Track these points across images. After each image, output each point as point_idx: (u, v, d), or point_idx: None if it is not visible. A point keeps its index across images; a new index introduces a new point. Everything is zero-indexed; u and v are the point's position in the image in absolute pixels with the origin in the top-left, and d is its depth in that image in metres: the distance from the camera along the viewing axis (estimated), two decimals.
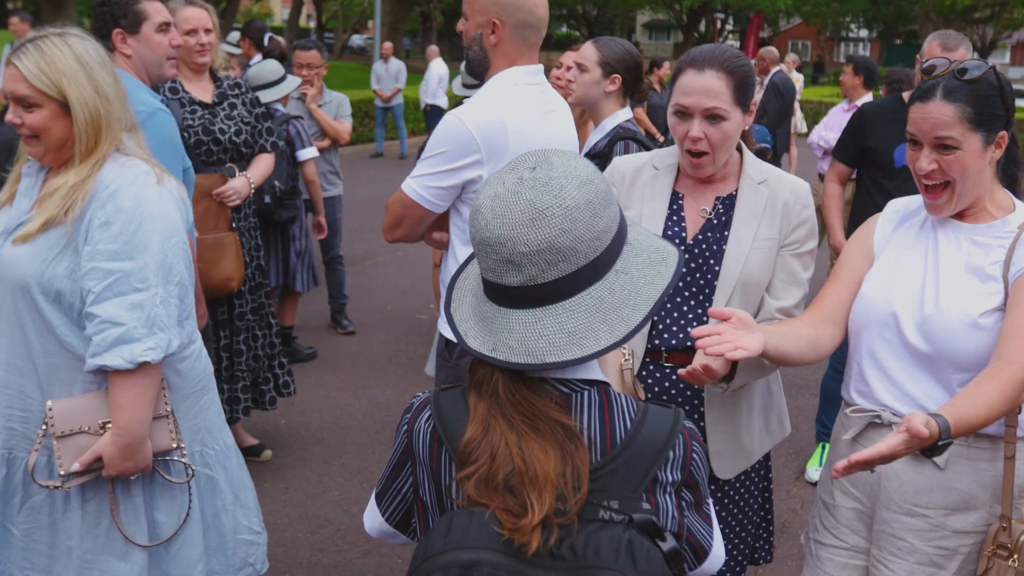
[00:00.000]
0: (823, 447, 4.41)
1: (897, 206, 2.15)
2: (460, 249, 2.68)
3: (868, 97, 6.50)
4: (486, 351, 1.27)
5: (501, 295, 1.27)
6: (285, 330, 5.61)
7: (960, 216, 2.00)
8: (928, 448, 1.62)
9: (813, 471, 4.40)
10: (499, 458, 1.24)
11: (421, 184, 2.55)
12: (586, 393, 1.31)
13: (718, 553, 1.46)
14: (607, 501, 1.25)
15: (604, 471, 1.28)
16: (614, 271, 1.27)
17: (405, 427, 1.42)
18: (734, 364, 1.96)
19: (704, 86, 2.10)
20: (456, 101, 18.98)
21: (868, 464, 1.62)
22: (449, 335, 2.75)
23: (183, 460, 2.20)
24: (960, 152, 1.88)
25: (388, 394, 5.40)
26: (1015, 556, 1.89)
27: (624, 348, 2.14)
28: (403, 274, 8.01)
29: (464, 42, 2.63)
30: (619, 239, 1.29)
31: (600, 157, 3.35)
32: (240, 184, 3.91)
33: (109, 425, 2.06)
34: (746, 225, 2.20)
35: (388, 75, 14.84)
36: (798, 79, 12.01)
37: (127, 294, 2.00)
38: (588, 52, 3.45)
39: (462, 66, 3.33)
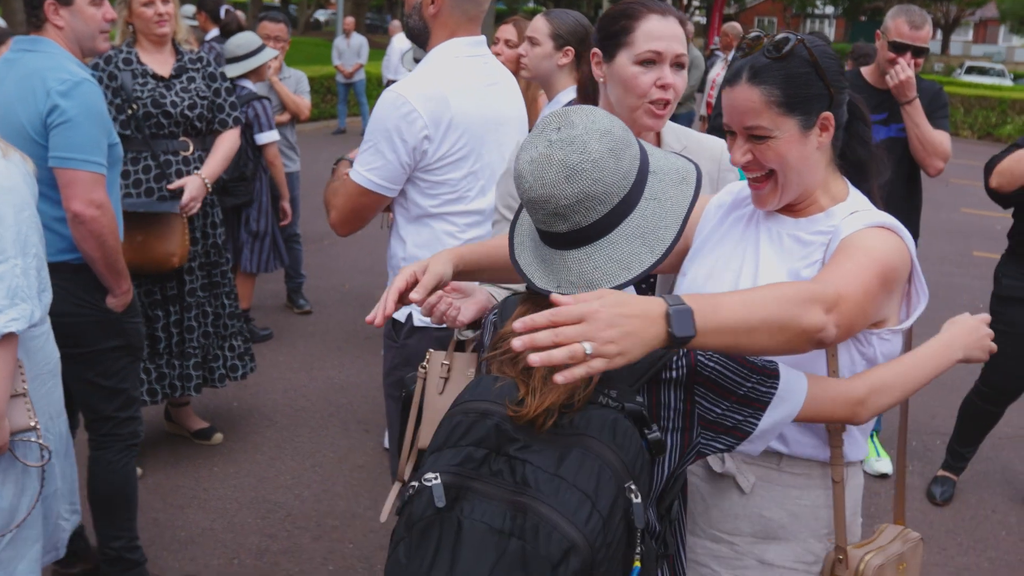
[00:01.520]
0: None
1: (733, 189, 1.89)
2: (405, 228, 2.59)
3: None
4: (552, 288, 1.44)
5: (555, 240, 1.44)
6: (241, 312, 5.49)
7: (789, 208, 1.73)
8: (670, 340, 1.26)
9: None
10: None
11: (371, 171, 2.46)
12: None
13: (766, 426, 1.50)
14: (607, 390, 1.42)
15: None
16: (644, 199, 1.45)
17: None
18: None
19: (673, 31, 2.02)
20: None
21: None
22: (395, 315, 2.67)
23: (39, 441, 2.12)
24: (774, 140, 1.62)
25: (344, 375, 5.31)
26: None
27: None
28: (362, 253, 7.89)
29: (405, 11, 2.53)
30: (643, 172, 1.45)
31: None
32: (195, 188, 3.81)
33: None
34: None
35: (350, 50, 14.62)
36: None
37: None
38: (539, 25, 3.36)
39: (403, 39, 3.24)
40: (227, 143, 4.05)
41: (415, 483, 1.39)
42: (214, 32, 6.31)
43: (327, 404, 4.90)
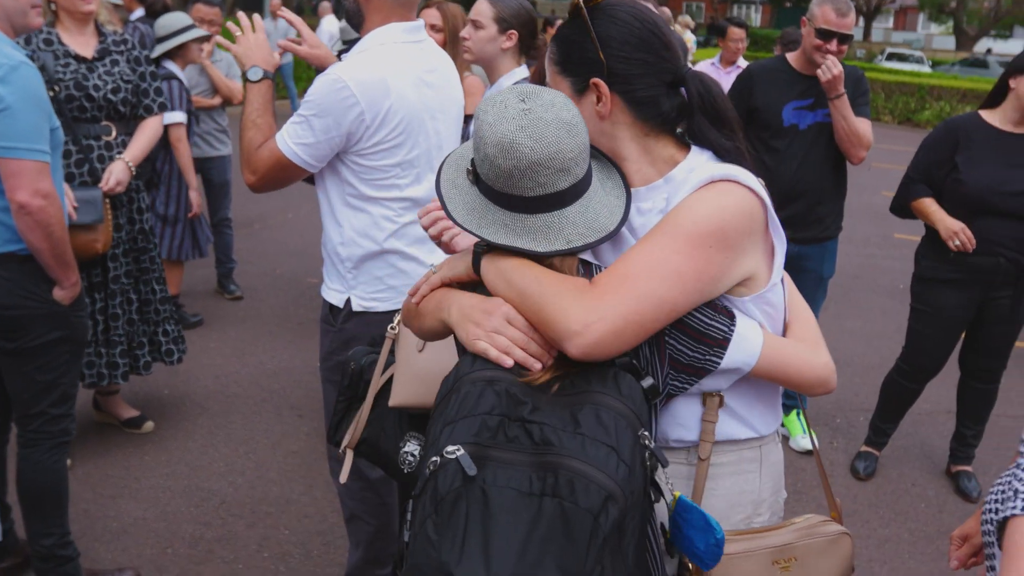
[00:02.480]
0: None
1: None
2: (342, 211, 2.58)
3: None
4: (562, 246, 1.49)
5: (552, 202, 1.48)
6: (171, 299, 5.39)
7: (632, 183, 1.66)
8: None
9: None
10: None
11: (300, 146, 2.44)
12: (595, 267, 1.58)
13: (742, 342, 1.55)
14: None
15: None
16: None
17: None
18: None
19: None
20: None
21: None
22: (332, 300, 2.66)
23: None
24: None
25: (276, 360, 5.26)
26: None
27: None
28: (293, 237, 7.80)
29: None
30: None
31: None
32: (120, 172, 3.74)
33: None
34: None
35: (276, 33, 14.35)
36: (690, 40, 12.13)
37: None
38: (483, 8, 3.35)
39: (342, 22, 3.22)
40: (151, 128, 3.97)
41: (436, 458, 1.36)
42: (139, 12, 6.16)
43: (259, 390, 4.85)
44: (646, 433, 1.41)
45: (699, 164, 1.60)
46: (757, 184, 1.55)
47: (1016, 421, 5.02)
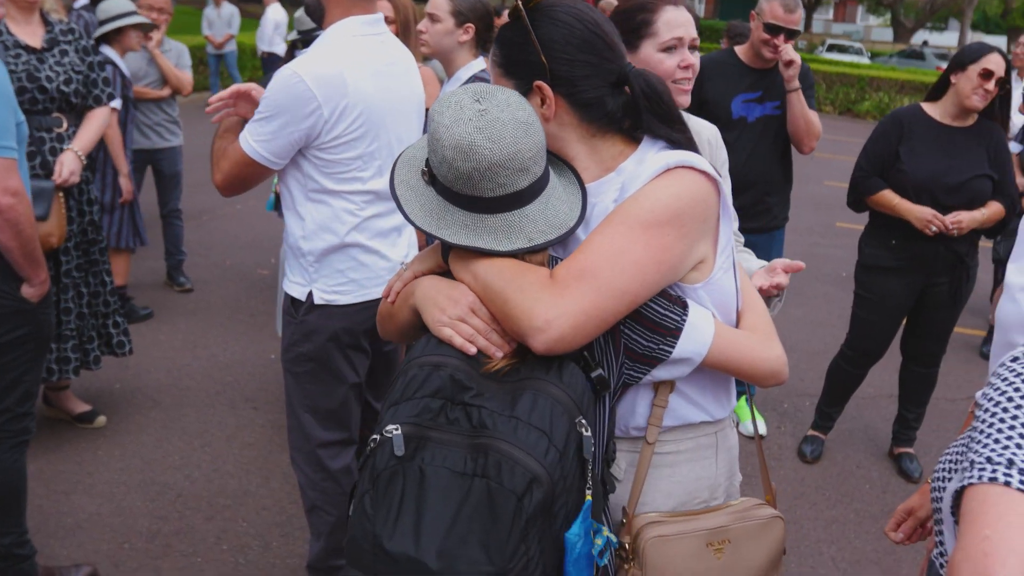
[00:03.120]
0: None
1: None
2: (304, 204, 2.58)
3: None
4: (524, 244, 1.51)
5: (511, 201, 1.50)
6: (118, 290, 5.32)
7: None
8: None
9: None
10: None
11: (260, 144, 2.44)
12: (554, 259, 1.61)
13: (694, 331, 1.57)
14: None
15: None
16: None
17: None
18: None
19: (687, 18, 2.21)
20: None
21: None
22: (294, 293, 2.66)
23: None
24: None
25: (229, 352, 5.22)
26: (632, 559, 1.62)
27: None
28: (243, 228, 7.74)
29: None
30: None
31: None
32: (72, 163, 3.70)
33: None
34: None
35: (220, 20, 14.15)
36: None
37: None
38: (439, 2, 3.35)
39: (298, 11, 3.20)
40: (100, 118, 3.93)
41: (376, 436, 1.42)
42: (83, 0, 6.05)
43: (213, 383, 4.82)
44: (583, 421, 1.44)
45: (649, 155, 1.61)
46: (710, 168, 1.56)
47: (954, 404, 5.20)
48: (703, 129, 2.38)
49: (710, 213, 1.56)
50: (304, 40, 4.65)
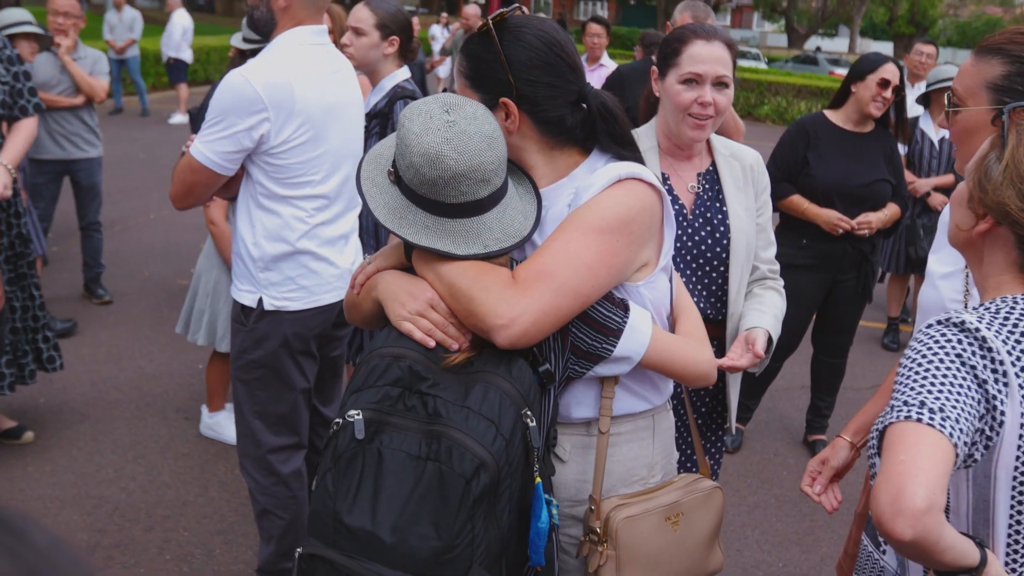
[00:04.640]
0: None
1: None
2: (255, 212, 2.63)
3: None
4: (479, 250, 1.60)
5: (471, 209, 1.59)
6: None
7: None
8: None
9: None
10: None
11: (210, 148, 2.49)
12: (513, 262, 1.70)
13: (634, 332, 1.69)
14: None
15: None
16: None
17: None
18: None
19: (715, 55, 2.30)
20: (199, 55, 17.76)
21: None
22: (243, 300, 2.71)
23: None
24: None
25: (155, 364, 5.18)
26: (605, 541, 1.73)
27: None
28: (158, 238, 7.63)
29: (249, 2, 2.57)
30: None
31: (380, 117, 3.38)
32: (2, 176, 3.65)
33: None
34: (736, 199, 2.41)
35: (122, 25, 13.82)
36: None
37: None
38: (363, 15, 3.43)
39: (243, 21, 3.25)
40: (27, 128, 3.88)
41: (339, 420, 1.54)
42: None
43: (141, 395, 4.78)
44: (529, 412, 1.58)
45: (600, 165, 1.73)
46: (656, 180, 1.69)
47: (860, 393, 5.50)
48: (746, 155, 2.52)
49: (655, 221, 1.70)
50: (253, 52, 4.68)
